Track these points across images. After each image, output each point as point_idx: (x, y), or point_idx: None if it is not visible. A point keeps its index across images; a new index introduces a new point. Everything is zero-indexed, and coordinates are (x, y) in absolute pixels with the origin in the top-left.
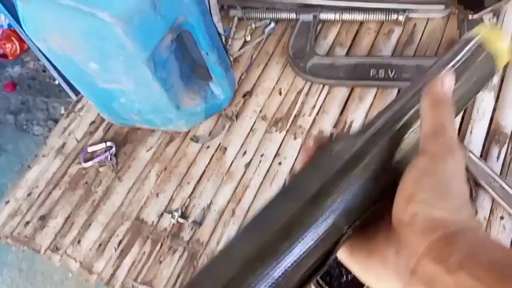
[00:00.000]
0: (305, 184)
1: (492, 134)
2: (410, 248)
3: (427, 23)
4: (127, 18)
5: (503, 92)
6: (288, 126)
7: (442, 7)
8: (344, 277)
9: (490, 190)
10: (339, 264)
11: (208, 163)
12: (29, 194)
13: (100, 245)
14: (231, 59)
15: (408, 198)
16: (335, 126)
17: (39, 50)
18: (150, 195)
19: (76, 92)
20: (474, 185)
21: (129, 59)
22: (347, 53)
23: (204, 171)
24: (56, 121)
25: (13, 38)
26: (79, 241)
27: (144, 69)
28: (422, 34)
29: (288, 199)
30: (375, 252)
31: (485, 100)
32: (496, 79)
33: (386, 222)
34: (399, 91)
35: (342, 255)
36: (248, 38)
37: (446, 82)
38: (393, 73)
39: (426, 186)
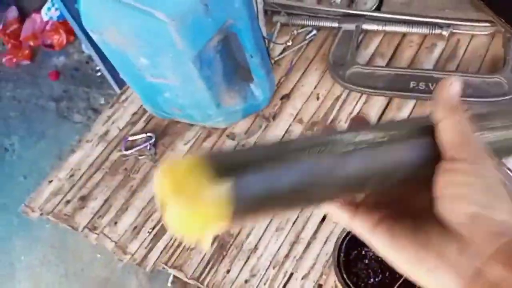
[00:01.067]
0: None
1: None
2: (476, 249)
3: (471, 39)
4: (180, 18)
5: None
6: None
7: (487, 24)
8: (372, 279)
9: None
10: (368, 266)
11: None
12: (71, 176)
13: (135, 228)
14: (272, 62)
15: (459, 198)
16: None
17: (89, 42)
18: None
19: (120, 84)
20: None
21: (178, 57)
22: (388, 64)
23: None
24: (95, 111)
25: (60, 30)
26: (115, 223)
27: (191, 67)
28: (466, 50)
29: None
30: (429, 246)
31: None
32: None
33: (432, 216)
34: None
35: (381, 243)
36: (290, 43)
37: (455, 86)
38: (433, 86)
39: (477, 188)
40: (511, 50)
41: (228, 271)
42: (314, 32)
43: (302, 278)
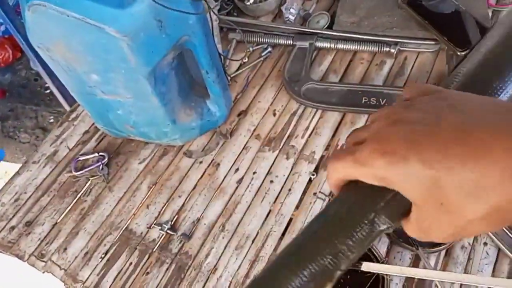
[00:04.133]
0: None
1: None
2: None
3: (417, 56)
4: (133, 34)
5: None
6: (281, 146)
7: (432, 42)
8: None
9: None
10: None
11: (200, 177)
12: (16, 200)
13: (86, 253)
14: (229, 78)
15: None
16: (327, 148)
17: (36, 58)
18: (140, 207)
19: (70, 102)
20: None
21: (130, 73)
22: (340, 80)
23: (196, 185)
24: (44, 130)
25: (6, 46)
26: (65, 249)
27: (145, 84)
28: (413, 67)
29: None
30: None
31: None
32: None
33: None
34: None
35: None
36: (246, 60)
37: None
38: (384, 101)
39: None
40: (454, 65)
41: None
42: (270, 49)
43: None
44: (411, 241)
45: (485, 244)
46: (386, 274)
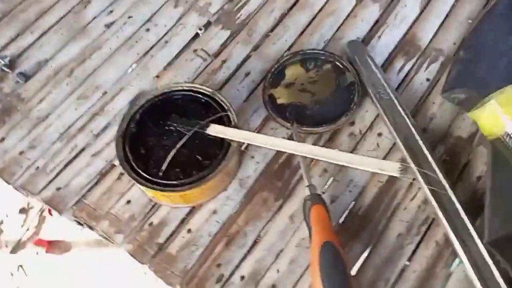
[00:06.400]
0: None
1: (404, 44)
2: None
3: None
4: None
5: (431, 2)
6: None
7: None
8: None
9: (377, 103)
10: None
11: (64, 15)
12: None
13: None
14: None
15: None
16: (228, 0)
17: None
18: None
19: None
20: (362, 93)
21: None
22: None
23: (56, 23)
24: None
25: None
26: None
27: None
28: None
29: None
30: None
31: (408, 6)
32: None
33: None
34: None
35: None
36: None
37: None
38: None
39: None
40: None
41: (2, 139)
42: None
43: (93, 155)
44: (288, 117)
45: (380, 134)
46: (238, 143)
